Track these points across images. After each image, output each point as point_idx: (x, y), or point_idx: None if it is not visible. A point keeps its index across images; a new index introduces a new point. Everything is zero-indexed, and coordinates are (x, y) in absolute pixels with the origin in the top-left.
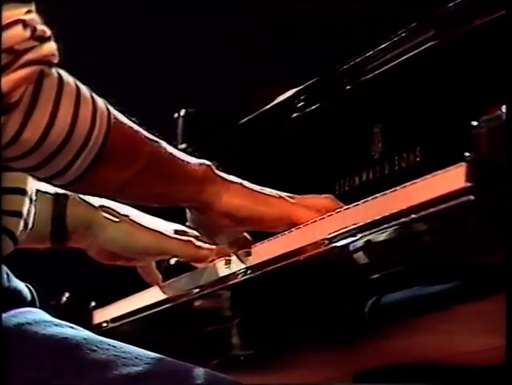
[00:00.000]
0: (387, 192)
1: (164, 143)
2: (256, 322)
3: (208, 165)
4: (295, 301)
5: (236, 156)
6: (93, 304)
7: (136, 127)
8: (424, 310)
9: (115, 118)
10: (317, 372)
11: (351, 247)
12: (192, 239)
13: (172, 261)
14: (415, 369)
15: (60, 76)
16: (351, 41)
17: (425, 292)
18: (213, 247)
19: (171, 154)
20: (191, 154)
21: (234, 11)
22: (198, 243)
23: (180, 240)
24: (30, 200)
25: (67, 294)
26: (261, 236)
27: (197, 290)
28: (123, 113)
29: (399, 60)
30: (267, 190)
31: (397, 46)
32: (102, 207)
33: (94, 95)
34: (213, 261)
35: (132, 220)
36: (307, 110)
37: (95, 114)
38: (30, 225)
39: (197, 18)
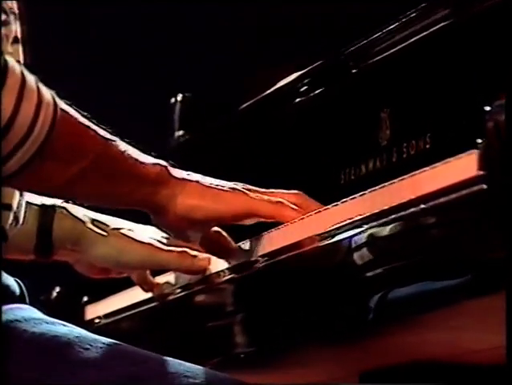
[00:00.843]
0: (394, 181)
1: (117, 142)
2: (257, 319)
3: (163, 165)
4: (297, 296)
5: (236, 144)
6: (85, 299)
7: (86, 122)
8: (432, 306)
9: (63, 112)
10: (321, 371)
11: (357, 239)
12: (186, 249)
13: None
14: (423, 368)
15: (6, 66)
16: (358, 22)
17: (433, 287)
18: (210, 256)
19: (123, 153)
20: (189, 142)
21: None
22: (194, 252)
23: (174, 251)
24: (21, 192)
25: (57, 289)
26: (257, 228)
27: (195, 285)
28: (75, 107)
29: (407, 42)
30: (228, 185)
31: (406, 28)
32: (92, 221)
33: (41, 86)
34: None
35: (122, 233)
36: (311, 95)
37: (39, 107)
38: (20, 220)
39: None
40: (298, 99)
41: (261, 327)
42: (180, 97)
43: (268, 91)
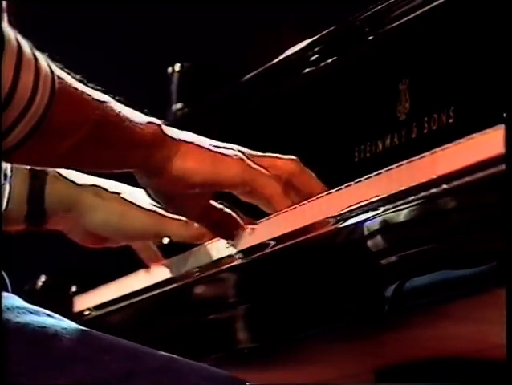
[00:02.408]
0: (414, 158)
1: (111, 103)
2: (263, 310)
3: (157, 124)
4: (307, 286)
5: (239, 118)
6: (74, 289)
7: (81, 87)
8: (453, 296)
9: (60, 81)
10: (332, 368)
11: (372, 223)
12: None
13: (165, 240)
14: (444, 365)
15: (1, 32)
16: None
17: (455, 275)
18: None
19: (118, 115)
20: (188, 116)
21: None
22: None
23: (179, 219)
24: (5, 176)
25: (43, 277)
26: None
27: (194, 273)
28: (66, 70)
29: (429, 6)
30: (225, 146)
31: None
32: (89, 185)
33: (36, 52)
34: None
35: (123, 198)
36: (322, 64)
37: (37, 76)
38: (3, 206)
39: None
40: (307, 69)
41: (266, 319)
42: (178, 67)
43: (275, 61)
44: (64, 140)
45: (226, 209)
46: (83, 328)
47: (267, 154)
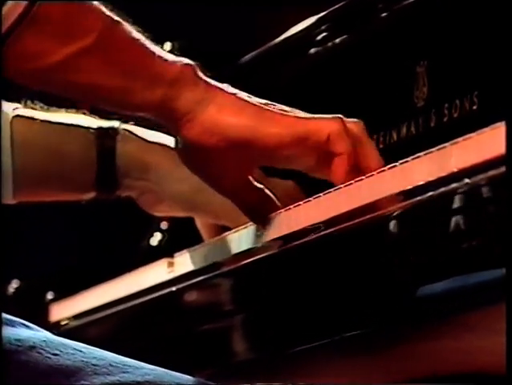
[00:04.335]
0: (433, 150)
1: (127, 26)
2: (264, 318)
3: (189, 64)
4: (311, 289)
5: None
6: (50, 296)
7: None
8: (476, 304)
9: None
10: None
11: (388, 220)
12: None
13: (155, 241)
14: (465, 381)
15: None
16: None
17: (479, 279)
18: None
19: (134, 39)
20: None
21: None
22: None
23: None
24: None
25: (15, 282)
26: None
27: (189, 277)
28: None
29: None
30: (266, 103)
31: None
32: (166, 146)
33: None
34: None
35: None
36: (330, 44)
37: None
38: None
39: None
40: (314, 50)
41: (267, 330)
42: (168, 45)
43: (277, 40)
44: (59, 45)
45: (267, 191)
46: (63, 339)
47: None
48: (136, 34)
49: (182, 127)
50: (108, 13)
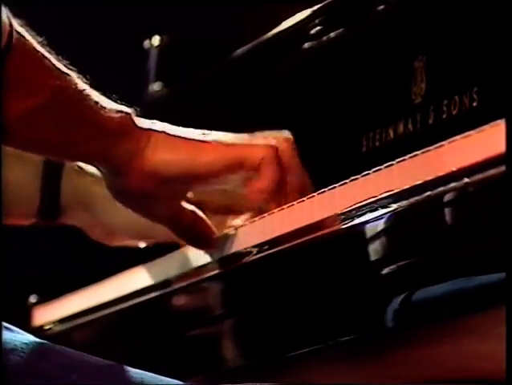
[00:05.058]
0: (430, 148)
1: (75, 78)
2: (253, 324)
3: (126, 113)
4: (302, 297)
5: (228, 101)
6: (33, 299)
7: (44, 52)
8: (473, 308)
9: (19, 36)
10: None
11: (381, 222)
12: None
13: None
14: None
15: None
16: None
17: (477, 282)
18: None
19: (81, 92)
20: (167, 98)
21: None
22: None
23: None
24: None
25: None
26: None
27: (177, 280)
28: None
29: None
30: (204, 133)
31: None
32: None
33: None
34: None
35: None
36: (325, 38)
37: None
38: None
39: None
40: (308, 44)
41: (257, 335)
42: (156, 40)
43: (270, 34)
44: (16, 101)
45: (199, 212)
46: (47, 343)
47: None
48: (81, 83)
49: (122, 175)
50: (59, 66)
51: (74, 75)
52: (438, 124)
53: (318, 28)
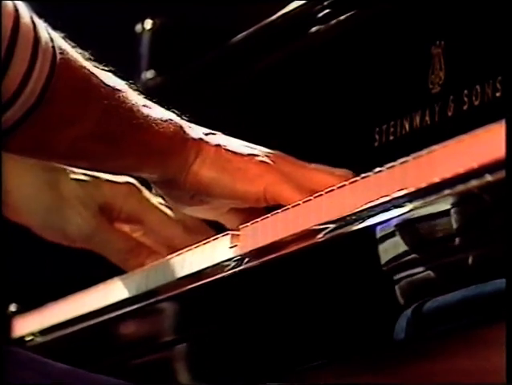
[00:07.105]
0: (449, 142)
1: (126, 92)
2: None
3: (177, 124)
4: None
5: (227, 91)
6: (13, 308)
7: (89, 66)
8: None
9: (63, 54)
10: None
11: (395, 224)
12: None
13: None
14: None
15: None
16: None
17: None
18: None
19: (131, 109)
20: (161, 86)
21: None
22: None
23: None
24: None
25: None
26: None
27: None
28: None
29: None
30: (255, 152)
31: None
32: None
33: (35, 18)
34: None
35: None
36: (334, 22)
37: (36, 49)
38: None
39: None
40: (314, 29)
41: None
42: (149, 24)
43: (273, 18)
44: (64, 130)
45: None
46: (30, 354)
47: (317, 166)
48: (132, 95)
49: (169, 188)
50: (107, 81)
51: (124, 87)
52: (458, 116)
53: (326, 11)
